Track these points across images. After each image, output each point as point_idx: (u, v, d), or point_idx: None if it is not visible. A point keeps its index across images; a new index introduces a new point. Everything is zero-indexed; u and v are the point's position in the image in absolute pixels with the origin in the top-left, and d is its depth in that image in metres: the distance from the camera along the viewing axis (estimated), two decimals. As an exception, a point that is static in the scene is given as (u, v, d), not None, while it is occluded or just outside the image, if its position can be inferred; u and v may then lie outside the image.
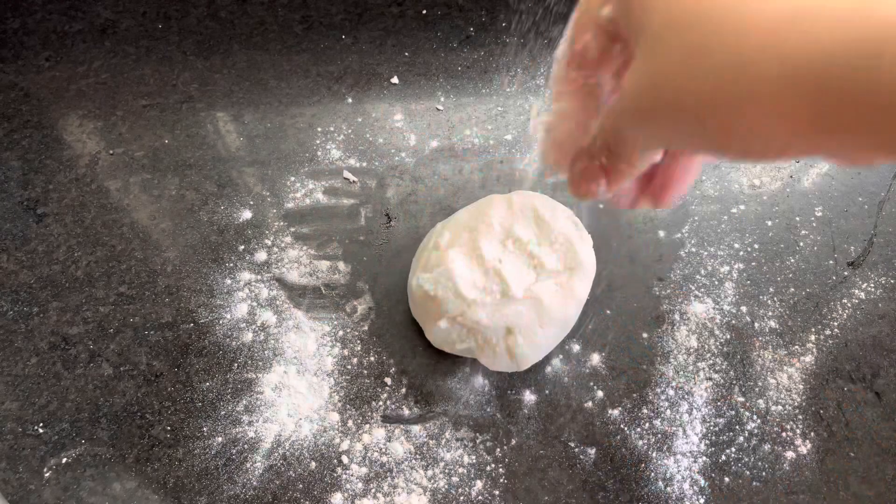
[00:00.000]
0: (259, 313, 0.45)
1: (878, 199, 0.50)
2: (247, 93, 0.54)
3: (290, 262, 0.47)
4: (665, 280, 0.47)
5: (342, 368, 0.43)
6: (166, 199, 0.49)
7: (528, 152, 0.52)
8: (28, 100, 0.54)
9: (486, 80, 0.55)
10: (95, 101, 0.53)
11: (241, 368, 0.43)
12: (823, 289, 0.47)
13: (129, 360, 0.43)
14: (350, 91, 0.54)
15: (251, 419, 0.41)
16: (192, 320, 0.44)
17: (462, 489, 0.39)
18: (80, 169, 0.50)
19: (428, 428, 0.41)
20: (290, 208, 0.49)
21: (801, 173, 0.51)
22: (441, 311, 0.41)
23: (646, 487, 0.40)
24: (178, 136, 0.52)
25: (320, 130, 0.52)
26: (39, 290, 0.46)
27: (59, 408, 0.42)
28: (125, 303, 0.45)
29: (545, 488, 0.40)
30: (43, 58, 0.55)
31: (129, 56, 0.56)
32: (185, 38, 0.57)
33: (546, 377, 0.43)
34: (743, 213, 0.49)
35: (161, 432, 0.41)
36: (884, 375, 0.44)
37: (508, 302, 0.41)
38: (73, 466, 0.40)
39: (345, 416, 0.41)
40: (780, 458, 0.42)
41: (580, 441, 0.41)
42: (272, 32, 0.57)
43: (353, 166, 0.51)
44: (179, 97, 0.54)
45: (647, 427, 0.42)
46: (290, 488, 0.39)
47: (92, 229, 0.48)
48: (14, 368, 0.43)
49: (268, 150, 0.51)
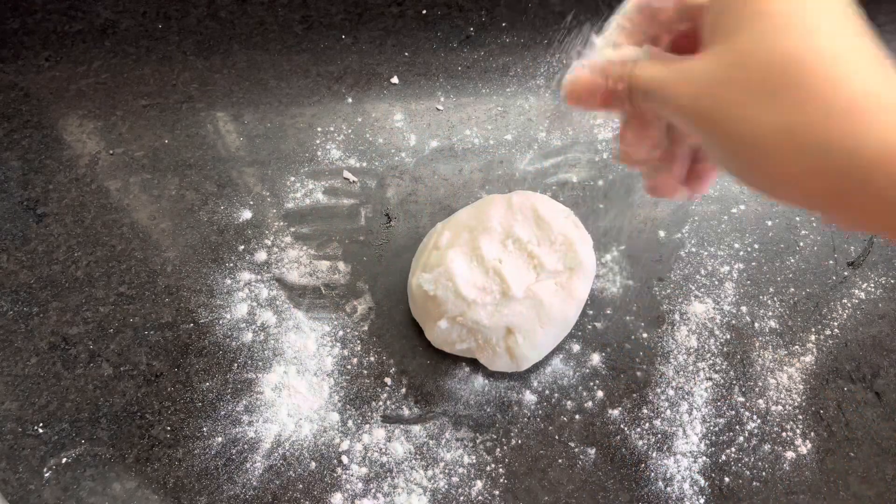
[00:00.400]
0: (259, 313, 0.45)
1: (878, 199, 0.50)
2: (247, 93, 0.54)
3: (290, 262, 0.47)
4: (665, 280, 0.47)
5: (342, 368, 0.43)
6: (166, 199, 0.49)
7: (527, 152, 0.51)
8: (28, 100, 0.54)
9: (486, 80, 0.55)
10: (95, 101, 0.53)
11: (241, 368, 0.43)
12: (823, 289, 0.47)
13: (129, 360, 0.43)
14: (350, 91, 0.54)
15: (251, 419, 0.41)
16: (192, 320, 0.44)
17: (462, 489, 0.39)
18: (80, 169, 0.50)
19: (428, 428, 0.41)
20: (290, 208, 0.49)
21: (801, 173, 0.51)
22: (441, 311, 0.41)
23: (646, 487, 0.40)
24: (178, 136, 0.52)
25: (320, 130, 0.52)
26: (39, 290, 0.46)
27: (59, 408, 0.42)
28: (125, 303, 0.45)
29: (545, 488, 0.39)
30: (43, 58, 0.55)
31: (129, 56, 0.56)
32: (185, 38, 0.57)
33: (546, 377, 0.43)
34: (743, 213, 0.49)
35: (161, 432, 0.41)
36: (884, 375, 0.44)
37: (508, 302, 0.41)
38: (73, 466, 0.40)
39: (345, 416, 0.41)
40: (780, 458, 0.42)
41: (580, 441, 0.41)
42: (272, 32, 0.57)
43: (353, 166, 0.51)
44: (179, 97, 0.54)
45: (647, 427, 0.42)
46: (290, 488, 0.39)
47: (92, 229, 0.48)
48: (14, 368, 0.43)
49: (268, 150, 0.51)
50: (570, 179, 0.50)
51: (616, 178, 0.51)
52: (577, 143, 0.52)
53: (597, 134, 0.53)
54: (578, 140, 0.52)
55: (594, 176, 0.51)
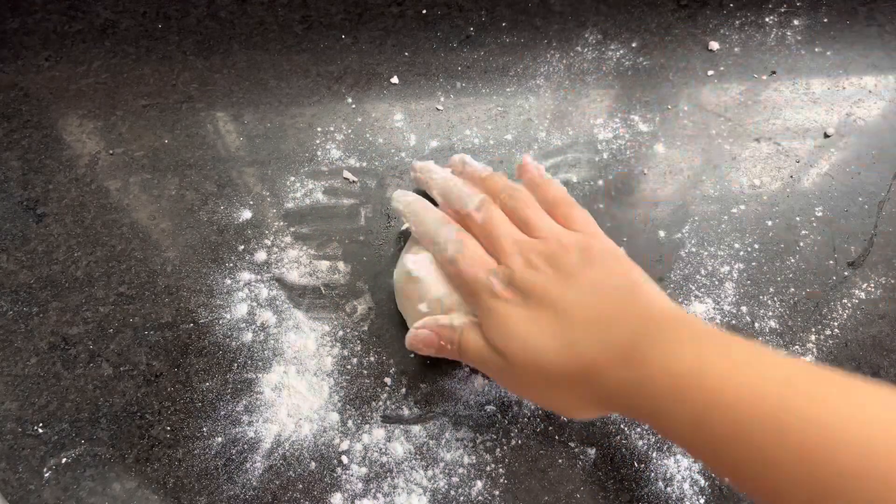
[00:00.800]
0: (259, 313, 0.45)
1: (879, 199, 0.50)
2: (247, 93, 0.54)
3: (289, 262, 0.47)
4: (665, 280, 0.47)
5: (342, 368, 0.43)
6: (166, 199, 0.49)
7: (527, 152, 0.52)
8: (28, 100, 0.54)
9: (486, 80, 0.55)
10: (95, 101, 0.53)
11: (240, 368, 0.43)
12: (823, 289, 0.47)
13: (129, 360, 0.43)
14: (350, 91, 0.54)
15: (251, 419, 0.41)
16: (191, 320, 0.44)
17: (462, 489, 0.39)
18: (79, 169, 0.50)
19: (428, 428, 0.41)
20: (289, 208, 0.49)
21: (801, 173, 0.51)
22: (421, 295, 0.40)
23: (646, 487, 0.40)
24: (178, 136, 0.52)
25: (320, 130, 0.52)
26: (39, 290, 0.46)
27: (59, 408, 0.42)
28: (125, 303, 0.45)
29: (545, 488, 0.39)
30: (43, 58, 0.55)
31: (129, 56, 0.56)
32: (185, 38, 0.57)
33: (546, 377, 0.43)
34: (743, 213, 0.49)
35: (161, 432, 0.41)
36: (884, 375, 0.44)
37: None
38: (72, 466, 0.40)
39: (345, 417, 0.41)
40: (780, 458, 0.42)
41: (580, 441, 0.41)
42: (272, 32, 0.57)
43: (353, 166, 0.51)
44: (179, 97, 0.54)
45: (647, 427, 0.42)
46: (290, 488, 0.39)
47: (92, 229, 0.48)
48: (14, 368, 0.43)
49: (268, 150, 0.51)
50: (571, 179, 0.50)
51: (616, 178, 0.51)
52: (577, 143, 0.52)
53: (597, 134, 0.53)
54: (578, 140, 0.52)
55: (594, 176, 0.51)
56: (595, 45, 0.57)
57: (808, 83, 0.55)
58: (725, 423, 0.25)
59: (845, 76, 0.56)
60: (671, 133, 0.53)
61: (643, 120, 0.53)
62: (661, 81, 0.55)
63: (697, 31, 0.58)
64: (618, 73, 0.56)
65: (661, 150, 0.52)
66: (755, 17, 0.59)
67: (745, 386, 0.26)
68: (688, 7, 0.59)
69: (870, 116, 0.54)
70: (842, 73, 0.56)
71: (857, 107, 0.54)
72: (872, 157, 0.52)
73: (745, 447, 0.25)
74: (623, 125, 0.53)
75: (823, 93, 0.55)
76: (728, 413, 0.25)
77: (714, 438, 0.26)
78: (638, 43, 0.57)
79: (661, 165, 0.51)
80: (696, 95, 0.55)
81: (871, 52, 0.57)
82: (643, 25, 0.58)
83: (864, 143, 0.52)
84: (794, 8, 0.59)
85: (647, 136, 0.53)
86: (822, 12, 0.59)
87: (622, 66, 0.56)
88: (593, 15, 0.59)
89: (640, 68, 0.56)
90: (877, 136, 0.53)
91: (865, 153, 0.52)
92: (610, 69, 0.56)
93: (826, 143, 0.53)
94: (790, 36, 0.58)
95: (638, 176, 0.51)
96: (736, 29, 0.58)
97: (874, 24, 0.58)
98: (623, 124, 0.53)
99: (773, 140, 0.53)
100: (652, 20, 0.59)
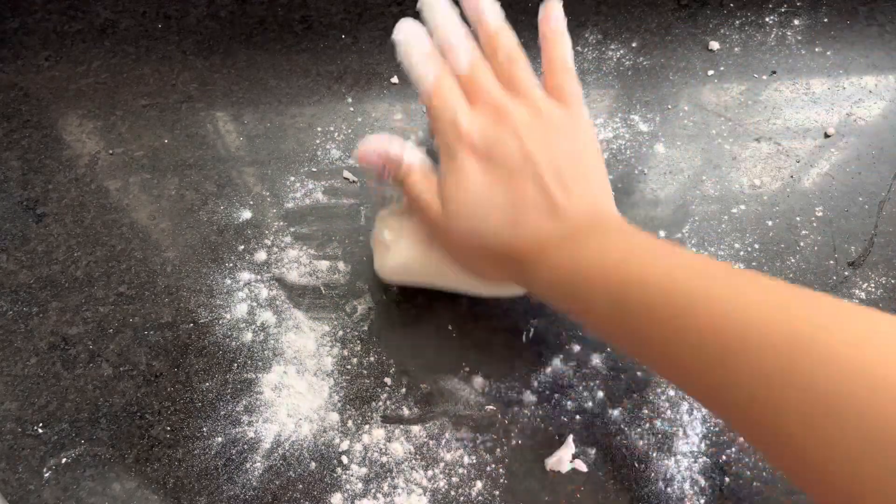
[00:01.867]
0: (259, 313, 0.45)
1: (879, 199, 0.50)
2: (247, 92, 0.54)
3: (289, 262, 0.47)
4: (665, 280, 0.47)
5: (342, 368, 0.43)
6: (166, 199, 0.49)
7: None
8: (28, 100, 0.54)
9: (486, 80, 0.55)
10: (95, 101, 0.53)
11: (240, 368, 0.43)
12: (824, 289, 0.46)
13: (129, 361, 0.43)
14: (350, 91, 0.54)
15: (251, 419, 0.41)
16: (191, 320, 0.44)
17: (462, 489, 0.39)
18: (79, 169, 0.50)
19: (428, 428, 0.41)
20: (289, 208, 0.49)
21: (802, 173, 0.51)
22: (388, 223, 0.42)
23: (646, 487, 0.40)
24: (177, 136, 0.52)
25: (320, 130, 0.52)
26: (39, 290, 0.46)
27: (59, 408, 0.42)
28: (125, 303, 0.45)
29: (545, 488, 0.39)
30: (43, 58, 0.55)
31: (129, 56, 0.56)
32: (185, 38, 0.57)
33: (546, 377, 0.43)
34: (743, 213, 0.49)
35: (161, 432, 0.41)
36: (884, 375, 0.44)
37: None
38: (72, 466, 0.40)
39: (345, 417, 0.41)
40: (781, 459, 0.42)
41: (580, 441, 0.41)
42: (272, 32, 0.57)
43: (353, 166, 0.51)
44: (179, 97, 0.54)
45: (647, 427, 0.42)
46: (290, 488, 0.39)
47: (92, 229, 0.48)
48: (14, 368, 0.43)
49: (268, 150, 0.51)
50: (570, 179, 0.50)
51: (616, 178, 0.51)
52: (577, 143, 0.52)
53: (597, 134, 0.53)
54: (578, 140, 0.52)
55: (594, 176, 0.51)
56: (595, 44, 0.57)
57: (809, 83, 0.55)
58: (641, 301, 0.28)
59: (845, 76, 0.56)
60: (671, 133, 0.53)
61: (643, 120, 0.53)
62: (662, 81, 0.55)
63: (697, 31, 0.58)
64: (618, 73, 0.56)
65: (662, 149, 0.52)
66: (755, 17, 0.59)
67: (661, 272, 0.29)
68: (688, 7, 0.59)
69: (870, 116, 0.54)
70: (842, 72, 0.56)
71: (857, 107, 0.54)
72: (873, 156, 0.52)
73: (656, 324, 0.28)
74: (623, 125, 0.53)
75: (823, 93, 0.55)
76: (644, 293, 0.28)
77: (629, 317, 0.29)
78: (638, 43, 0.57)
79: (662, 165, 0.51)
80: (696, 95, 0.55)
81: (872, 52, 0.57)
82: (643, 25, 0.58)
83: (865, 143, 0.52)
84: (795, 8, 0.59)
85: (648, 135, 0.53)
86: (822, 12, 0.59)
87: (622, 65, 0.56)
88: (593, 15, 0.59)
89: (640, 68, 0.56)
90: (877, 136, 0.53)
91: (866, 153, 0.52)
92: (610, 69, 0.56)
93: (826, 142, 0.52)
94: (790, 36, 0.58)
95: (638, 176, 0.51)
96: (736, 29, 0.58)
97: (874, 24, 0.58)
98: (623, 124, 0.53)
99: (774, 140, 0.53)
100: (652, 20, 0.59)
